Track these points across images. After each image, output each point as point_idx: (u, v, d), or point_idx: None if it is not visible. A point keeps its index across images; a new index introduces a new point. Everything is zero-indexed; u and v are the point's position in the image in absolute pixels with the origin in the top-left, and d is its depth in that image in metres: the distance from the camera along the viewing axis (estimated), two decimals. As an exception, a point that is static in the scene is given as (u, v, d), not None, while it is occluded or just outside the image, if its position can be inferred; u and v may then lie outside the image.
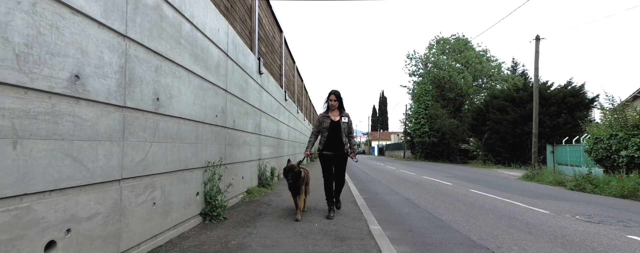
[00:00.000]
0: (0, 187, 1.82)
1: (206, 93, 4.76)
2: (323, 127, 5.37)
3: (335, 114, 5.43)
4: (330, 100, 5.41)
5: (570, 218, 6.18)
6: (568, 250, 4.18)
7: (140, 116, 3.14)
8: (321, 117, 5.46)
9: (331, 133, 5.33)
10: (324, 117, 5.43)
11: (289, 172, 5.04)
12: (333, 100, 5.39)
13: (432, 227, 5.35)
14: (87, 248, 2.48)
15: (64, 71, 2.23)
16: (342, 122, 5.38)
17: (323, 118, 5.42)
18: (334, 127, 5.34)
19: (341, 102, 5.47)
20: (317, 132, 5.48)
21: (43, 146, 2.07)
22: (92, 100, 2.50)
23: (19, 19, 1.92)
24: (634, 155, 10.70)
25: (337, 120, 5.36)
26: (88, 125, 2.46)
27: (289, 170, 5.06)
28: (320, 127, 5.41)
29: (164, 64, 3.57)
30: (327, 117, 5.40)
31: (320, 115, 5.52)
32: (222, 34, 5.40)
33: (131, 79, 2.99)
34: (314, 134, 5.51)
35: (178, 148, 3.90)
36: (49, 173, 2.13)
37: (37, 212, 2.05)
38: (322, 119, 5.42)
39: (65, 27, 2.24)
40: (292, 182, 5.05)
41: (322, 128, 5.38)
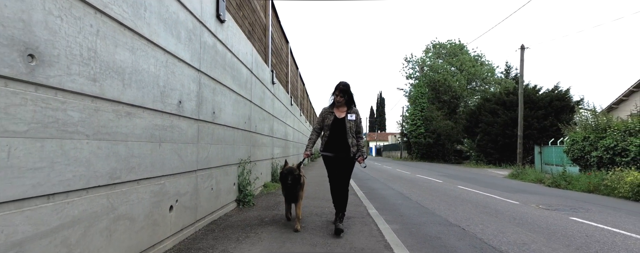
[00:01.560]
0: (153, 171, 3.09)
1: (239, 105, 6.03)
2: (325, 125, 4.61)
3: (341, 110, 4.65)
4: (337, 95, 4.57)
5: (534, 207, 7.48)
6: (519, 227, 5.48)
7: (206, 126, 4.41)
8: (324, 113, 4.68)
9: (334, 132, 4.56)
10: (327, 112, 4.64)
11: (288, 175, 4.44)
12: (338, 96, 4.56)
13: (418, 213, 6.63)
14: (183, 214, 3.76)
15: (175, 99, 3.50)
16: (349, 119, 4.55)
17: (326, 114, 4.64)
18: (337, 125, 4.56)
19: (351, 98, 4.63)
20: (319, 129, 4.75)
21: (168, 147, 3.35)
22: (185, 117, 3.77)
23: (162, 72, 3.20)
24: (602, 156, 12.04)
25: (342, 117, 4.58)
26: (183, 133, 3.73)
27: (288, 173, 4.46)
28: (323, 124, 4.66)
29: (217, 86, 4.84)
30: (331, 113, 4.61)
31: (323, 110, 4.72)
32: (248, 56, 6.68)
33: (201, 99, 4.26)
34: (315, 132, 4.78)
35: (224, 148, 5.18)
36: (170, 164, 3.40)
37: (166, 187, 3.33)
38: (325, 115, 4.64)
39: (176, 71, 3.51)
40: (291, 186, 4.44)
41: (325, 125, 4.63)
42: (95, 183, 2.31)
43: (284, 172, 4.57)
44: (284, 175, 4.51)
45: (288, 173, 4.47)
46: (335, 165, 4.59)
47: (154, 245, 3.16)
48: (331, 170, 4.65)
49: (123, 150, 2.61)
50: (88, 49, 2.21)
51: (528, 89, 25.76)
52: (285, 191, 4.65)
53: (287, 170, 4.54)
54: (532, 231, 5.22)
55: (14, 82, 1.70)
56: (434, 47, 41.78)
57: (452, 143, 35.75)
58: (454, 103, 38.83)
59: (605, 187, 10.04)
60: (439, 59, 40.91)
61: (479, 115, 28.81)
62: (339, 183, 4.60)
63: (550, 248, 4.31)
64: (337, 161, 4.56)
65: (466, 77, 38.28)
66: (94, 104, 2.28)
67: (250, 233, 4.26)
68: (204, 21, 4.26)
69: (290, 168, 4.59)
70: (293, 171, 4.50)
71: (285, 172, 4.54)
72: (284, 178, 4.51)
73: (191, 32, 3.88)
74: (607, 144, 11.96)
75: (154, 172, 3.08)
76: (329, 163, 4.64)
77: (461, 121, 33.33)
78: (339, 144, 4.55)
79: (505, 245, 4.42)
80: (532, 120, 23.64)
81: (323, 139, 4.71)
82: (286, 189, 4.58)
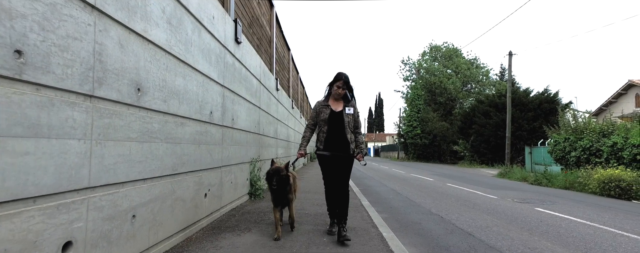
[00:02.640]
0: (195, 165, 4.07)
1: (251, 111, 7.02)
2: (321, 119, 4.19)
3: (338, 103, 4.25)
4: (337, 87, 4.15)
5: (509, 201, 8.49)
6: (489, 215, 6.49)
7: (227, 130, 5.40)
8: (319, 106, 4.26)
9: (331, 127, 4.14)
10: (322, 106, 4.23)
11: (273, 175, 3.92)
12: (340, 87, 4.14)
13: (406, 205, 7.63)
14: (213, 200, 4.75)
15: (208, 110, 4.50)
16: (346, 113, 4.15)
17: (321, 107, 4.23)
18: (335, 119, 4.14)
19: (350, 88, 4.25)
20: (314, 125, 4.34)
21: (204, 147, 4.34)
22: (214, 124, 4.76)
23: (200, 90, 4.19)
24: (580, 156, 13.07)
25: (339, 110, 4.17)
26: (213, 137, 4.72)
27: (273, 174, 3.94)
28: (317, 119, 4.24)
29: (235, 97, 5.83)
30: (327, 106, 4.21)
31: (317, 104, 4.31)
32: (257, 68, 7.67)
33: (224, 109, 5.25)
34: (308, 129, 4.39)
35: (240, 149, 6.16)
36: (205, 160, 4.39)
37: (203, 179, 4.32)
38: (320, 109, 4.23)
39: (209, 88, 4.50)
40: (276, 189, 3.90)
41: (320, 120, 4.21)
42: (165, 173, 3.30)
43: (269, 172, 4.00)
44: (269, 177, 3.96)
45: (273, 174, 3.92)
46: (332, 165, 4.13)
47: (196, 222, 4.15)
48: (328, 170, 4.18)
49: (179, 150, 3.60)
50: (161, 80, 3.20)
51: (519, 91, 26.82)
52: (273, 195, 4.02)
53: (272, 171, 3.97)
54: (498, 218, 6.22)
55: (132, 107, 2.70)
56: (430, 50, 42.87)
57: (448, 144, 36.77)
58: (449, 105, 39.87)
59: (578, 183, 11.06)
60: (435, 62, 41.99)
61: (472, 117, 29.85)
62: (338, 185, 4.11)
63: (506, 230, 5.31)
64: (334, 160, 4.11)
65: (461, 80, 39.35)
66: (164, 118, 3.27)
67: (264, 217, 5.25)
68: (226, 45, 5.25)
69: (277, 168, 4.01)
70: (279, 171, 3.95)
71: (270, 172, 3.97)
72: (268, 180, 3.97)
73: (218, 55, 4.87)
74: (584, 145, 12.99)
75: (196, 167, 4.07)
76: (326, 164, 4.17)
77: (456, 122, 34.36)
78: (337, 141, 4.11)
79: (472, 228, 5.42)
80: (522, 122, 24.68)
81: (318, 136, 4.21)
82: (273, 193, 3.99)
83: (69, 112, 2.05)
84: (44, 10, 1.87)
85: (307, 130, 4.43)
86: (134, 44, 2.71)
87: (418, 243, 4.50)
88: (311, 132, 4.40)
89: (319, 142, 4.21)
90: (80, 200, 2.17)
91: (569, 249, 4.35)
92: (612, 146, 11.70)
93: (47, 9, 1.89)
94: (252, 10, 7.67)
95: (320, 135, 4.22)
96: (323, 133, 4.19)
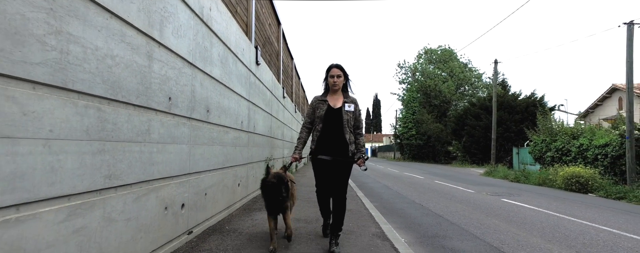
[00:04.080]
0: (234, 162, 5.52)
1: (265, 118, 8.47)
2: (317, 117, 3.74)
3: (336, 98, 3.78)
4: (333, 77, 3.71)
5: (483, 194, 9.96)
6: (461, 204, 7.95)
7: (251, 135, 6.85)
8: (315, 102, 3.81)
9: (328, 126, 3.70)
10: (319, 101, 3.79)
11: (278, 185, 3.32)
12: (336, 76, 3.71)
13: (395, 197, 9.10)
14: (243, 190, 6.21)
15: (240, 120, 5.94)
16: (346, 110, 3.71)
17: (318, 103, 3.78)
18: (332, 117, 3.70)
19: (347, 77, 3.83)
20: (310, 123, 3.84)
21: (238, 149, 5.79)
22: (244, 130, 6.21)
23: (236, 105, 5.65)
24: (554, 155, 14.58)
25: (338, 107, 3.72)
26: (243, 140, 6.16)
27: (278, 183, 3.33)
28: (313, 117, 3.80)
29: (255, 108, 7.28)
30: (324, 101, 3.76)
31: (314, 99, 3.84)
32: (270, 82, 9.11)
33: (249, 118, 6.69)
34: (305, 128, 3.87)
35: (258, 150, 7.61)
36: (238, 159, 5.84)
37: (237, 172, 5.77)
38: (317, 104, 3.78)
39: (241, 103, 5.95)
40: (282, 200, 3.38)
41: (316, 118, 3.76)
42: (219, 167, 4.75)
43: (269, 182, 3.35)
44: (273, 187, 3.30)
45: (278, 183, 3.29)
46: (327, 170, 3.66)
47: (233, 204, 5.60)
48: (321, 175, 3.72)
49: (225, 151, 5.05)
50: (217, 102, 4.64)
51: (508, 95, 28.37)
52: (268, 203, 3.45)
53: (276, 178, 3.34)
54: (467, 206, 7.70)
55: (205, 122, 4.15)
56: (425, 53, 44.40)
57: (442, 144, 38.30)
58: (444, 107, 41.40)
59: (549, 180, 12.55)
60: (430, 65, 43.53)
61: (464, 119, 31.36)
62: (333, 192, 3.66)
63: (470, 213, 6.79)
64: (330, 165, 3.64)
65: (455, 83, 40.89)
66: (218, 128, 4.72)
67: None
68: (250, 68, 6.71)
69: (278, 175, 3.39)
70: (282, 179, 3.34)
71: (273, 180, 3.33)
72: (272, 190, 3.32)
73: (246, 77, 6.32)
74: (557, 146, 14.50)
75: (233, 163, 5.52)
76: (319, 168, 3.72)
77: (450, 124, 35.86)
78: (334, 142, 3.66)
79: (443, 212, 6.89)
80: (510, 124, 26.19)
81: (314, 136, 3.74)
82: (271, 201, 3.40)
83: (183, 128, 3.50)
84: (176, 73, 3.32)
85: (303, 130, 3.86)
86: (206, 82, 4.17)
87: (399, 221, 5.96)
88: (308, 132, 3.84)
89: (313, 142, 3.73)
90: (186, 181, 3.62)
91: (511, 224, 5.81)
92: (579, 147, 13.20)
93: (178, 72, 3.35)
94: (265, 32, 9.13)
95: (314, 134, 3.74)
96: (317, 133, 3.71)
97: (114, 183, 2.41)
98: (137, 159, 2.68)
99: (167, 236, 3.25)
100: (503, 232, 5.27)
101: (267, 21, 9.51)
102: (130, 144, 2.58)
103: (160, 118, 3.03)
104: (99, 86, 2.21)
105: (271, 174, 3.47)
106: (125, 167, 2.53)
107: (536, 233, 5.25)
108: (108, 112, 2.32)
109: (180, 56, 3.41)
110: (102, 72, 2.24)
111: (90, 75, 2.13)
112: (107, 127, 2.30)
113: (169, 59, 3.17)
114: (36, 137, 1.73)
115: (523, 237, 4.95)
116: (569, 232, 5.40)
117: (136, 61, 2.64)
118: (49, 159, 1.83)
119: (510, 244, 4.57)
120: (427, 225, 5.67)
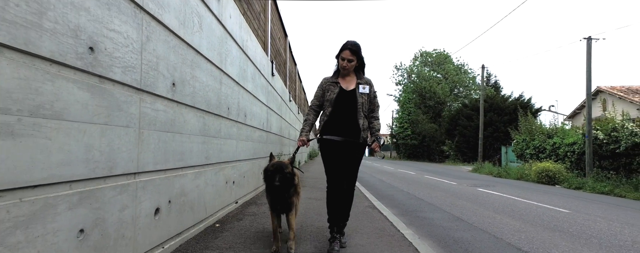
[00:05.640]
0: (259, 155, 7.07)
1: (277, 120, 10.00)
2: (326, 100, 3.41)
3: (348, 80, 3.45)
4: (343, 60, 3.33)
5: (463, 185, 11.54)
6: (441, 192, 9.52)
7: (269, 134, 8.38)
8: (325, 84, 3.48)
9: (339, 110, 3.37)
10: (329, 83, 3.46)
11: (275, 173, 3.07)
12: (347, 60, 3.32)
13: (387, 187, 10.66)
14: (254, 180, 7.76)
15: (262, 122, 7.48)
16: (361, 93, 3.38)
17: (328, 85, 3.46)
18: (344, 100, 3.37)
19: (362, 62, 3.44)
20: (319, 106, 3.53)
21: (260, 144, 7.33)
22: (264, 130, 7.74)
23: (259, 110, 7.21)
24: (532, 153, 16.18)
25: (351, 89, 3.39)
26: (263, 137, 7.70)
27: (276, 171, 3.08)
28: (322, 100, 3.48)
29: (271, 111, 8.81)
30: (335, 83, 3.43)
31: (324, 81, 3.52)
32: (280, 88, 10.66)
33: (267, 120, 8.23)
34: (312, 110, 3.54)
35: (272, 145, 9.14)
36: (262, 152, 7.38)
37: (261, 163, 7.32)
38: (327, 86, 3.45)
39: (263, 109, 7.50)
40: (279, 189, 3.06)
41: (325, 101, 3.43)
42: (250, 157, 6.29)
43: (269, 168, 3.17)
44: (271, 174, 3.10)
45: (276, 171, 3.09)
46: (338, 154, 3.35)
47: (258, 188, 7.15)
48: (332, 160, 3.39)
49: (254, 145, 6.59)
50: (250, 109, 6.18)
51: (497, 97, 30.01)
52: (270, 196, 3.24)
53: (274, 167, 3.15)
54: (446, 193, 9.27)
55: (243, 124, 5.70)
56: (421, 55, 46.04)
57: (436, 144, 39.95)
58: (438, 108, 43.04)
59: (525, 175, 14.15)
60: (425, 67, 45.18)
61: (457, 120, 32.98)
62: (343, 180, 3.40)
63: (446, 197, 8.35)
64: (342, 148, 3.34)
65: (449, 85, 42.54)
66: (250, 128, 6.25)
67: (292, 189, 8.25)
68: (268, 79, 8.25)
69: (278, 163, 3.20)
70: (282, 167, 3.12)
71: (272, 168, 3.14)
72: (269, 178, 3.13)
73: (265, 88, 7.86)
74: (535, 144, 16.10)
75: (259, 155, 7.06)
76: (330, 152, 3.39)
77: (444, 124, 37.50)
78: (346, 128, 3.35)
79: (425, 197, 8.45)
80: (499, 124, 27.81)
81: (322, 120, 3.46)
82: (272, 194, 3.19)
83: (233, 128, 5.05)
84: (231, 91, 4.87)
85: (310, 112, 3.52)
86: (244, 94, 5.71)
87: (387, 202, 7.51)
88: (315, 115, 3.54)
89: (322, 126, 3.44)
90: (235, 165, 5.17)
91: (475, 204, 7.37)
92: (553, 145, 14.82)
93: (232, 90, 4.91)
94: (276, 46, 10.67)
95: (322, 119, 3.45)
96: (325, 117, 3.40)
97: (207, 162, 3.95)
98: (215, 148, 4.23)
99: (226, 201, 4.80)
100: (467, 208, 6.84)
101: (277, 36, 11.06)
102: (212, 138, 4.12)
103: (224, 122, 4.58)
104: (203, 104, 3.75)
105: (271, 162, 3.24)
106: (211, 153, 4.07)
107: (491, 209, 6.82)
108: (206, 119, 3.86)
109: (233, 78, 4.95)
110: (204, 95, 3.78)
111: (201, 98, 3.68)
112: (204, 128, 3.85)
113: (228, 82, 4.71)
114: (176, 131, 3.27)
115: (480, 211, 6.52)
116: (516, 208, 6.97)
117: (215, 86, 4.18)
118: (190, 144, 3.39)
119: (468, 214, 6.13)
120: (409, 204, 7.23)
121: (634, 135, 10.29)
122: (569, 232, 5.08)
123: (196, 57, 3.52)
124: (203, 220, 3.92)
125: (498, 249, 4.05)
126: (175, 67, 3.04)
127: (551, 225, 5.45)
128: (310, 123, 3.50)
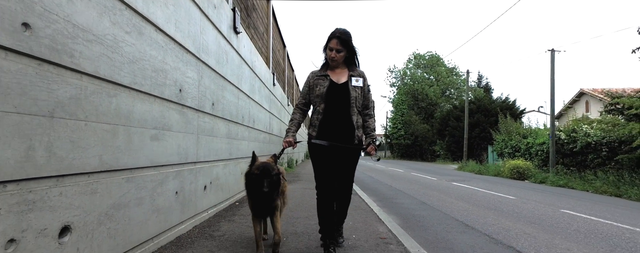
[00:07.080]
0: (264, 153, 8.52)
1: (278, 123, 11.44)
2: (316, 96, 3.06)
3: (339, 72, 3.09)
4: (331, 50, 2.99)
5: (443, 181, 13.02)
6: (421, 186, 11.00)
7: (271, 135, 9.82)
8: (312, 79, 3.12)
9: (330, 106, 3.03)
10: (317, 77, 3.09)
11: (263, 177, 2.69)
12: (336, 51, 2.98)
13: (373, 182, 12.13)
14: (266, 172, 9.23)
15: (266, 125, 8.93)
16: (353, 86, 3.03)
17: (316, 79, 3.09)
18: (336, 94, 3.02)
19: (353, 52, 3.08)
20: (305, 105, 3.22)
21: (265, 145, 8.78)
22: (268, 132, 9.19)
23: (264, 116, 8.66)
24: (510, 152, 17.72)
25: (342, 82, 3.04)
26: (267, 138, 9.15)
27: (263, 175, 2.71)
28: (311, 96, 3.12)
29: (273, 116, 10.25)
30: (324, 76, 3.06)
31: (311, 75, 3.15)
32: (280, 95, 12.11)
33: (270, 123, 9.67)
34: (298, 109, 3.23)
35: (273, 146, 10.57)
36: (265, 151, 8.83)
37: (265, 160, 8.79)
38: (315, 81, 3.09)
39: (266, 115, 8.95)
40: (267, 193, 2.69)
41: (314, 97, 3.08)
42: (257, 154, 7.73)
43: (254, 172, 2.78)
44: (257, 178, 2.71)
45: (263, 175, 2.69)
46: (329, 160, 3.04)
47: (262, 180, 8.60)
48: (322, 167, 3.08)
49: (260, 145, 8.03)
50: (256, 115, 7.62)
51: (484, 99, 31.59)
52: (253, 201, 2.88)
53: (260, 170, 2.75)
54: (423, 186, 10.75)
55: (251, 128, 7.16)
56: (414, 58, 47.62)
57: (428, 144, 41.53)
58: (430, 109, 44.63)
59: (501, 171, 15.67)
60: (418, 70, 46.77)
61: (448, 121, 34.53)
62: (339, 183, 3.08)
63: (423, 190, 9.83)
64: (333, 153, 3.02)
65: (441, 87, 44.15)
66: (256, 131, 7.70)
67: (295, 178, 9.69)
68: (270, 89, 9.70)
69: (264, 165, 2.79)
70: (269, 170, 2.74)
71: (257, 172, 2.75)
72: (257, 183, 2.71)
73: (268, 96, 9.31)
74: (512, 144, 17.63)
75: (264, 154, 8.50)
76: (320, 157, 3.08)
77: (435, 125, 39.08)
78: (339, 125, 3.03)
79: (405, 189, 9.92)
80: (486, 125, 29.35)
81: (312, 119, 3.12)
82: (257, 199, 2.81)
83: (246, 132, 6.50)
84: (245, 103, 6.33)
85: (296, 111, 3.24)
86: (253, 104, 7.16)
87: (370, 192, 8.97)
88: (301, 114, 3.25)
89: (312, 127, 3.09)
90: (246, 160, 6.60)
91: (444, 194, 8.84)
92: (526, 144, 16.35)
93: (245, 102, 6.36)
94: (277, 58, 12.13)
95: (314, 117, 3.09)
96: (318, 115, 3.06)
97: (230, 157, 5.40)
98: (235, 147, 5.67)
99: (242, 187, 6.24)
100: (435, 197, 8.31)
101: (277, 48, 12.51)
102: (233, 140, 5.57)
103: (240, 127, 6.03)
104: (227, 115, 5.20)
105: (255, 165, 2.83)
106: (232, 151, 5.52)
107: (454, 197, 8.31)
108: (229, 125, 5.31)
109: (246, 93, 6.40)
110: (228, 108, 5.23)
111: (227, 111, 5.13)
112: (229, 132, 5.29)
113: (243, 96, 6.16)
114: (213, 135, 4.72)
115: (443, 198, 8.00)
116: (478, 197, 8.47)
117: (235, 101, 5.63)
118: (220, 144, 4.84)
119: (432, 200, 7.60)
120: (388, 194, 8.71)
121: (587, 136, 11.81)
122: (501, 210, 6.57)
123: (224, 82, 4.97)
124: (228, 198, 5.38)
125: (442, 220, 5.52)
126: (214, 92, 4.50)
127: (492, 206, 6.94)
128: (297, 123, 3.18)
